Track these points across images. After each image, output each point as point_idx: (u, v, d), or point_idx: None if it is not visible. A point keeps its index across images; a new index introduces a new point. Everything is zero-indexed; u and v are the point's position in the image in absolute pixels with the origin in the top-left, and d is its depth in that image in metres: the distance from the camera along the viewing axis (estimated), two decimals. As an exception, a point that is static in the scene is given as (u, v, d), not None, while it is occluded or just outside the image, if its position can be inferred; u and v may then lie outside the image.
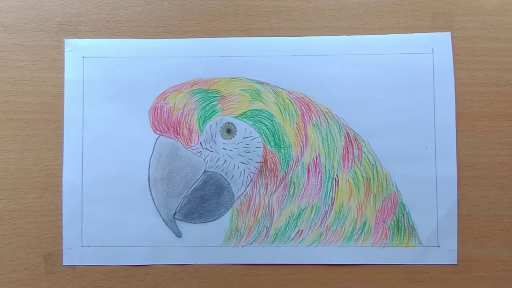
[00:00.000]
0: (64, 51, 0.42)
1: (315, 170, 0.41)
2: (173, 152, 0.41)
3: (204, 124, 0.41)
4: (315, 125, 0.42)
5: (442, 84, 0.42)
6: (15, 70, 0.42)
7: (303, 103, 0.42)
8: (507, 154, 0.41)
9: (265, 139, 0.41)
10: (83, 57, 0.42)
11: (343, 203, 0.41)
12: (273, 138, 0.41)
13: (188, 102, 0.42)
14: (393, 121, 0.42)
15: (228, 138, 0.41)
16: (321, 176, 0.41)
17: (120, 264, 0.41)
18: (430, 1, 0.43)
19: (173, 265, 0.41)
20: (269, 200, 0.41)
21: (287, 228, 0.41)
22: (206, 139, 0.41)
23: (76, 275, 0.41)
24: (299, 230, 0.41)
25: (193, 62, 0.42)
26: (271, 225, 0.41)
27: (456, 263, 0.41)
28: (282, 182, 0.41)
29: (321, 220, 0.41)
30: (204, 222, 0.41)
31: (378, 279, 0.41)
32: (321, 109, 0.42)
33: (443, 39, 0.42)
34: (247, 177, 0.41)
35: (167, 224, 0.41)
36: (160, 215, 0.41)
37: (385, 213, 0.41)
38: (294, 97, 0.42)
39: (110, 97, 0.42)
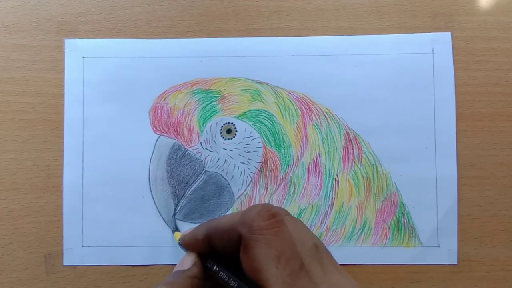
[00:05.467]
0: (64, 51, 0.42)
1: (315, 170, 0.41)
2: (173, 152, 0.41)
3: (204, 124, 0.41)
4: (315, 125, 0.42)
5: (442, 84, 0.42)
6: (15, 70, 0.42)
7: (303, 103, 0.42)
8: (507, 154, 0.41)
9: (265, 139, 0.41)
10: (83, 57, 0.42)
11: (343, 203, 0.41)
12: (273, 138, 0.41)
13: (188, 102, 0.42)
14: (393, 121, 0.42)
15: (228, 138, 0.41)
16: (321, 176, 0.41)
17: (121, 264, 0.41)
18: (430, 1, 0.43)
19: (173, 265, 0.41)
20: (269, 200, 0.41)
21: (287, 228, 0.41)
22: (206, 139, 0.41)
23: (77, 275, 0.41)
24: (299, 230, 0.41)
25: (193, 62, 0.42)
26: (271, 225, 0.41)
27: (456, 263, 0.41)
28: (282, 182, 0.41)
29: (321, 220, 0.41)
30: (204, 222, 0.41)
31: (378, 279, 0.41)
32: (321, 109, 0.42)
33: (443, 39, 0.42)
34: (247, 177, 0.41)
35: (167, 224, 0.41)
36: (161, 215, 0.41)
37: (385, 213, 0.41)
38: (294, 97, 0.42)
39: (110, 97, 0.42)
